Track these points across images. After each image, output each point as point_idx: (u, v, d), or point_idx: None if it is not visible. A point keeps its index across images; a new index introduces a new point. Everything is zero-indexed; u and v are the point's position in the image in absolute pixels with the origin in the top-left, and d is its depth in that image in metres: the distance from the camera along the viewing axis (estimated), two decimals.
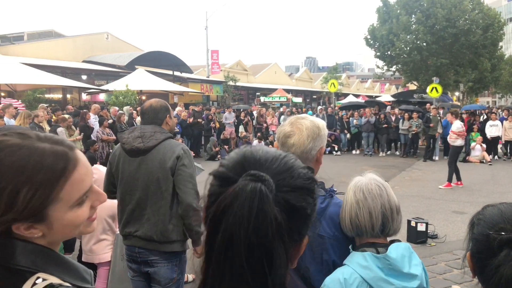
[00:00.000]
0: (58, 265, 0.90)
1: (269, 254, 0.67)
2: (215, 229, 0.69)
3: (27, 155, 0.85)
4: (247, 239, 0.66)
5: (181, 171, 2.71)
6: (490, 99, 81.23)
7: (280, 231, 0.68)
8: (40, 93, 17.37)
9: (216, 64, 31.29)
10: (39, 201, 0.85)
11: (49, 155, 0.87)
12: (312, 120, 1.76)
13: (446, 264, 5.33)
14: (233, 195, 0.69)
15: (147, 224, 2.75)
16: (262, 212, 0.67)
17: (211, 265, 0.70)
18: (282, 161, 0.77)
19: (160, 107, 2.88)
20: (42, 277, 0.84)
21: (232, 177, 0.73)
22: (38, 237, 0.88)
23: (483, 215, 1.13)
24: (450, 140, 10.37)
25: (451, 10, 28.14)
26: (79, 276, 0.92)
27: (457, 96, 37.74)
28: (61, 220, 0.89)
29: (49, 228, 0.88)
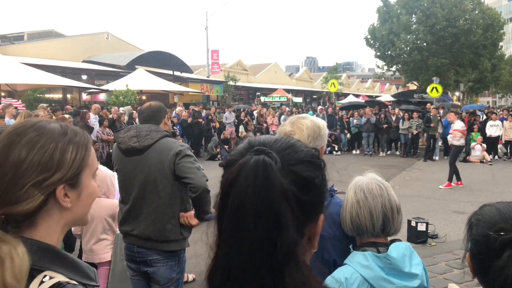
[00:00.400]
0: (64, 263, 0.92)
1: (277, 219, 0.68)
2: (224, 202, 0.71)
3: (61, 125, 0.98)
4: (253, 206, 0.68)
5: (183, 161, 2.68)
6: (491, 99, 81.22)
7: (287, 197, 0.70)
8: (40, 93, 17.37)
9: (216, 64, 31.28)
10: (80, 161, 0.96)
11: (77, 128, 1.02)
12: (312, 120, 1.77)
13: (446, 264, 5.33)
14: (238, 169, 0.71)
15: (144, 224, 2.74)
16: (266, 178, 0.69)
17: (222, 236, 0.72)
18: (285, 141, 0.80)
19: (159, 106, 2.89)
20: (49, 275, 0.86)
21: (238, 158, 0.74)
22: (60, 212, 0.95)
23: (481, 215, 1.12)
24: (454, 139, 10.27)
25: (451, 10, 28.15)
26: (83, 274, 0.94)
27: (457, 96, 37.74)
28: (87, 187, 0.99)
29: (78, 197, 0.97)
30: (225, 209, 0.71)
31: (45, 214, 0.93)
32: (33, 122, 0.96)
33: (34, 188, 0.89)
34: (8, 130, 0.94)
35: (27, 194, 0.89)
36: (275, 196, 0.68)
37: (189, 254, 3.50)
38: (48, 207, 0.92)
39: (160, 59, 25.29)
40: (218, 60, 31.42)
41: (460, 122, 10.44)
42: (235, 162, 0.74)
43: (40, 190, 0.90)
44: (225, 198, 0.71)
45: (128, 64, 23.01)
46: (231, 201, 0.70)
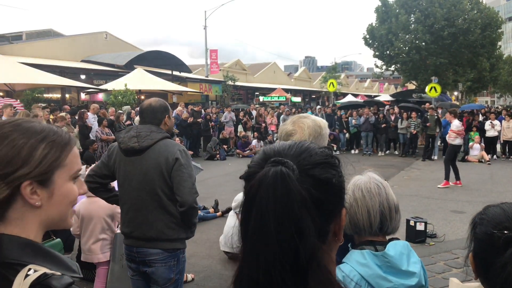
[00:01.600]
0: (46, 257, 0.93)
1: (298, 227, 0.72)
2: (248, 213, 0.74)
3: (40, 124, 1.00)
4: (275, 217, 0.71)
5: (179, 171, 2.70)
6: (489, 99, 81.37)
7: (306, 205, 0.73)
8: (39, 93, 17.34)
9: (215, 64, 31.27)
10: (51, 160, 0.96)
11: (59, 129, 1.03)
12: (313, 119, 1.77)
13: (445, 263, 5.34)
14: (258, 182, 0.74)
15: (144, 225, 2.74)
16: (286, 189, 0.72)
17: (247, 245, 0.75)
18: (299, 145, 0.83)
19: (159, 106, 2.84)
20: (33, 268, 0.87)
21: (257, 171, 0.78)
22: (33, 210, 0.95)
23: (486, 215, 1.13)
24: (449, 139, 10.37)
25: (450, 9, 28.20)
26: (66, 267, 0.96)
27: (456, 95, 37.80)
28: (61, 188, 0.98)
29: (50, 196, 0.97)
30: (249, 220, 0.74)
31: (16, 210, 0.94)
32: (13, 119, 0.98)
33: (1, 181, 0.91)
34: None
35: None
36: (295, 206, 0.72)
37: (188, 254, 3.50)
38: (18, 204, 0.93)
39: (158, 58, 25.27)
40: (217, 60, 31.40)
41: (457, 122, 10.43)
42: (255, 174, 0.77)
43: (4, 184, 0.91)
44: (249, 209, 0.75)
45: (126, 64, 22.99)
46: (254, 213, 0.73)
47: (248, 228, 0.74)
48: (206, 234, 6.44)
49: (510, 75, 50.85)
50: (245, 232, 0.75)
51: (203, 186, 2.93)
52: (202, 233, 6.39)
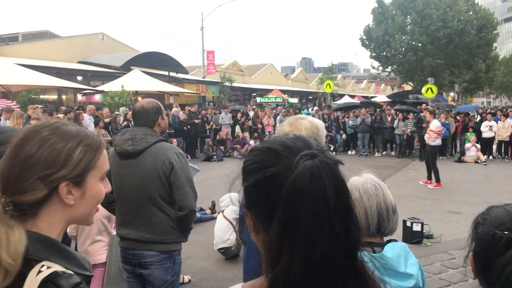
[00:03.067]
0: (60, 254, 0.98)
1: (350, 212, 0.74)
2: (296, 208, 0.72)
3: (76, 127, 1.07)
4: (333, 207, 0.72)
5: (178, 176, 2.69)
6: (485, 100, 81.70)
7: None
8: (35, 94, 17.28)
9: (212, 65, 31.26)
10: (86, 162, 1.03)
11: (91, 132, 1.10)
12: (311, 120, 1.77)
13: (441, 264, 5.35)
14: (309, 175, 0.73)
15: (142, 227, 2.74)
16: (338, 178, 0.75)
17: (297, 240, 0.72)
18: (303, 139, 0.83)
19: (152, 108, 2.82)
20: (46, 265, 0.91)
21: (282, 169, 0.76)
22: (64, 208, 1.02)
23: (489, 215, 1.12)
24: (429, 139, 10.24)
25: (446, 10, 28.30)
26: (79, 264, 1.01)
27: (452, 96, 37.93)
28: (92, 189, 1.06)
29: (82, 196, 1.04)
30: (299, 214, 0.72)
31: (49, 207, 1.00)
32: (50, 123, 1.06)
33: (40, 181, 0.97)
34: (26, 128, 1.04)
35: (32, 186, 0.97)
36: (348, 195, 0.75)
37: (185, 255, 3.49)
38: (52, 202, 1.00)
39: (155, 59, 25.23)
40: (213, 61, 31.40)
41: (436, 122, 10.32)
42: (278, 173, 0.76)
43: (44, 184, 0.98)
44: (296, 208, 0.72)
45: (123, 65, 22.94)
46: (307, 208, 0.71)
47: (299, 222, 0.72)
48: (203, 236, 6.43)
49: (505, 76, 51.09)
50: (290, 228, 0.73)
51: (200, 187, 2.93)
52: (199, 235, 6.37)
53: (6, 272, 0.88)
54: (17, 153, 0.99)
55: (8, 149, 1.01)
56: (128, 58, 23.57)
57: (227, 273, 5.12)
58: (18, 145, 1.00)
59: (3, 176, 0.98)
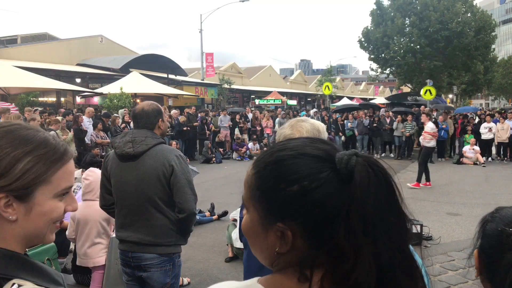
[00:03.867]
0: (30, 270, 0.89)
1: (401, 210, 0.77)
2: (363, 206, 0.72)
3: (35, 133, 0.94)
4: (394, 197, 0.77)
5: (178, 178, 2.69)
6: (483, 101, 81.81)
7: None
8: (34, 97, 17.28)
9: (211, 67, 31.28)
10: (34, 175, 0.89)
11: (54, 139, 0.96)
12: (312, 123, 1.77)
13: (440, 266, 5.35)
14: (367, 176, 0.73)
15: (142, 230, 2.73)
16: (386, 174, 0.78)
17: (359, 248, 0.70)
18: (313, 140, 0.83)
19: (152, 110, 2.83)
20: (17, 283, 0.83)
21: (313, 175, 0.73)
22: (9, 222, 0.89)
23: (498, 213, 1.13)
24: (424, 141, 10.49)
25: (444, 12, 28.36)
26: (51, 279, 0.92)
27: (450, 98, 37.99)
28: (42, 205, 0.91)
29: (27, 212, 0.90)
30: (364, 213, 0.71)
31: None
32: (7, 124, 0.94)
33: None
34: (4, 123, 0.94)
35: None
36: (396, 191, 0.78)
37: (184, 257, 3.49)
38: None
39: (154, 62, 25.25)
40: (212, 63, 31.42)
41: (431, 124, 10.50)
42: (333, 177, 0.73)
43: None
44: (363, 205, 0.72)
45: (122, 67, 22.95)
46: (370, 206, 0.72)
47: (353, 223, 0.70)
48: (202, 238, 6.42)
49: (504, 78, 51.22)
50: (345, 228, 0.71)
51: (199, 189, 2.94)
52: (198, 237, 6.37)
53: None
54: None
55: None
56: (127, 61, 23.59)
57: (227, 275, 5.11)
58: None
59: None
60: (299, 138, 0.85)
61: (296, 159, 0.76)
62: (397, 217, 0.75)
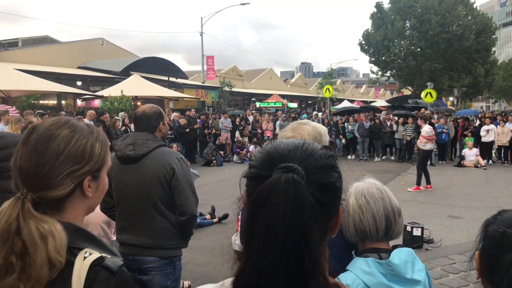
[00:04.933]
0: (94, 242, 1.06)
1: (305, 235, 0.73)
2: (255, 218, 0.75)
3: (88, 125, 1.14)
4: (285, 224, 0.72)
5: (179, 181, 2.69)
6: (484, 104, 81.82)
7: (315, 213, 0.74)
8: (35, 99, 17.30)
9: (212, 70, 31.30)
10: (103, 157, 1.12)
11: (98, 129, 1.17)
12: (313, 126, 1.77)
13: (442, 269, 5.33)
14: (270, 187, 0.74)
15: (142, 233, 2.73)
16: (298, 198, 0.73)
17: (252, 249, 0.74)
18: (303, 148, 0.84)
19: (153, 113, 2.83)
20: (88, 251, 1.00)
21: (265, 174, 0.78)
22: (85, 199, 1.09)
23: (501, 215, 1.13)
24: (420, 144, 10.63)
25: (445, 15, 28.39)
26: (109, 251, 1.08)
27: (451, 101, 37.97)
28: (104, 181, 1.15)
29: (97, 188, 1.12)
30: (256, 223, 0.74)
31: (72, 200, 1.06)
32: (65, 120, 1.10)
33: (67, 177, 1.03)
34: (45, 126, 1.07)
35: (61, 182, 1.02)
36: (304, 214, 0.73)
37: (185, 260, 3.48)
38: (75, 195, 1.06)
39: (155, 65, 25.27)
40: (213, 66, 31.44)
41: (427, 128, 10.58)
42: (260, 176, 0.78)
43: (72, 179, 1.04)
44: (256, 214, 0.74)
45: (123, 70, 22.96)
46: (262, 218, 0.73)
47: (254, 231, 0.74)
48: (203, 241, 6.41)
49: (504, 81, 51.23)
50: (250, 235, 0.75)
51: (199, 192, 2.94)
52: (199, 240, 6.36)
53: (53, 266, 0.94)
54: (44, 151, 1.02)
55: (25, 147, 1.03)
56: (128, 63, 23.60)
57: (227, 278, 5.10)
58: (41, 143, 1.03)
59: (31, 173, 1.01)
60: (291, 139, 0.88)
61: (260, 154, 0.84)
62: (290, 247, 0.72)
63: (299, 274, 0.72)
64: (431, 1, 28.79)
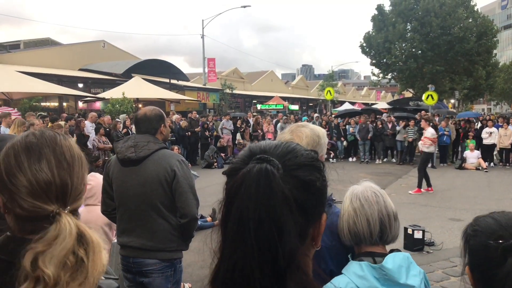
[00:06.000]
0: None
1: (278, 226, 0.70)
2: (228, 210, 0.74)
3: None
4: (256, 215, 0.70)
5: (180, 183, 2.69)
6: (485, 106, 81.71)
7: (289, 204, 0.72)
8: (36, 101, 17.36)
9: (213, 72, 31.34)
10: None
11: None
12: (312, 128, 1.77)
13: (443, 272, 5.32)
14: (241, 177, 0.73)
15: (143, 235, 2.73)
16: (269, 188, 0.71)
17: (226, 243, 0.74)
18: (285, 146, 0.82)
19: (154, 116, 2.84)
20: None
21: (241, 167, 0.76)
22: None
23: (478, 226, 1.10)
24: (424, 146, 10.56)
25: (446, 18, 28.40)
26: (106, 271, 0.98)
27: (452, 103, 37.93)
28: None
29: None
30: (229, 217, 0.73)
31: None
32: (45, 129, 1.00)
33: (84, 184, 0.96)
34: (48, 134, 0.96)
35: (83, 188, 0.95)
36: (276, 204, 0.70)
37: (185, 263, 3.47)
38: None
39: (156, 67, 25.32)
40: (214, 68, 31.48)
41: (431, 129, 10.58)
42: (238, 170, 0.76)
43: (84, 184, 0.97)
44: (229, 205, 0.73)
45: (124, 72, 23.02)
46: (235, 209, 0.72)
47: (227, 224, 0.73)
48: (203, 243, 6.40)
49: (506, 83, 51.14)
50: (225, 228, 0.74)
51: (200, 194, 2.95)
52: (200, 242, 6.34)
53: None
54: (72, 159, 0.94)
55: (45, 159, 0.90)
56: (129, 66, 23.65)
57: None
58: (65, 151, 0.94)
59: (69, 185, 0.90)
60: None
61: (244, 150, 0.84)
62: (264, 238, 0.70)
63: (275, 269, 0.70)
64: (432, 4, 28.82)
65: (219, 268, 0.76)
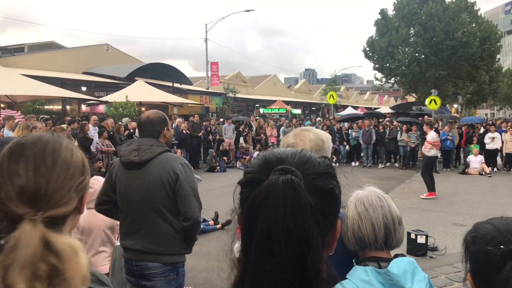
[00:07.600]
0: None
1: (307, 237, 0.71)
2: (253, 222, 0.73)
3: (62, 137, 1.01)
4: (285, 226, 0.70)
5: (183, 186, 2.69)
6: (489, 111, 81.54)
7: (315, 214, 0.73)
8: (40, 105, 17.40)
9: (216, 76, 31.39)
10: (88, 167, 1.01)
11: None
12: (316, 132, 1.77)
13: (446, 277, 5.30)
14: (267, 189, 0.73)
15: (146, 238, 2.73)
16: (297, 199, 0.71)
17: (251, 255, 0.73)
18: (301, 155, 0.82)
19: (157, 119, 2.85)
20: None
21: (261, 178, 0.76)
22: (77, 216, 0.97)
23: (477, 232, 1.11)
24: (425, 150, 10.59)
25: (449, 23, 28.42)
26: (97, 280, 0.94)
27: (455, 108, 37.87)
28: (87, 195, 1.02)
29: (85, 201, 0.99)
30: (254, 228, 0.72)
31: (72, 217, 0.92)
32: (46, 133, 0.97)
33: (74, 191, 0.89)
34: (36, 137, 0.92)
35: (71, 196, 0.89)
36: (305, 216, 0.71)
37: (188, 266, 3.47)
38: (74, 211, 0.91)
39: (159, 71, 25.38)
40: (217, 72, 31.54)
41: (432, 133, 10.57)
42: (258, 181, 0.76)
43: (76, 193, 0.90)
44: (254, 218, 0.73)
45: (127, 76, 23.08)
46: (261, 221, 0.71)
47: (253, 236, 0.72)
48: (206, 247, 6.40)
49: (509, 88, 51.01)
50: (249, 240, 0.74)
51: (203, 198, 2.95)
52: (202, 246, 6.34)
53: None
54: (53, 163, 0.88)
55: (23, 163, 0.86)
56: (133, 69, 23.72)
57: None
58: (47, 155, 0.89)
59: (42, 190, 0.85)
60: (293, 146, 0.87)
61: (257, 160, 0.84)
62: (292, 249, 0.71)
63: (303, 280, 0.71)
64: (435, 8, 28.85)
65: (243, 278, 0.75)
